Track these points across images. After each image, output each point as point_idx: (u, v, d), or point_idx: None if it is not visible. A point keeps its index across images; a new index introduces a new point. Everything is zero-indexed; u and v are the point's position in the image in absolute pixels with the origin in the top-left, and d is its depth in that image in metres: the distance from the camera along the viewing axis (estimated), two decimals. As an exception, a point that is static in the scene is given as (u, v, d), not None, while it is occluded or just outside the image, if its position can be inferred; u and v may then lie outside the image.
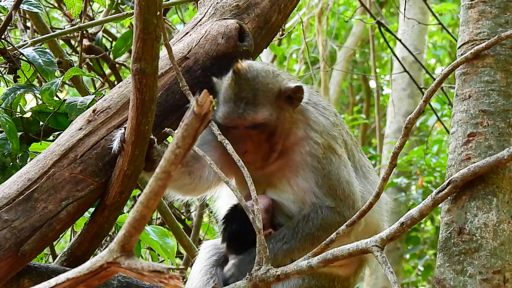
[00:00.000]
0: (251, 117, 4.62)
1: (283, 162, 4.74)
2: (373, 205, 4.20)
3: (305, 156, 4.67)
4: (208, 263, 4.82)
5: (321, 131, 4.72)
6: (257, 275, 4.18)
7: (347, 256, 4.08)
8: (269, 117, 4.63)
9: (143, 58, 4.16)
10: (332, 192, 4.65)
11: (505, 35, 4.29)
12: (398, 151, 4.13)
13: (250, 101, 4.62)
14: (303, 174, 4.67)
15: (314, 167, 4.66)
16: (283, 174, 4.74)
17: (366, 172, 4.94)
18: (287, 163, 4.73)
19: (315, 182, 4.65)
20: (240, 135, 4.66)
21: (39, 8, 5.56)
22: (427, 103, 4.14)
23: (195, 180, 4.81)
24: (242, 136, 4.66)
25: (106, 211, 4.59)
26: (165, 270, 2.76)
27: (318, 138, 4.69)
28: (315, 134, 4.70)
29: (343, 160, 4.73)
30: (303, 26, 11.61)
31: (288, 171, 4.72)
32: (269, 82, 4.69)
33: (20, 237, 4.35)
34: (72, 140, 4.56)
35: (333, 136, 4.75)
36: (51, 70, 5.26)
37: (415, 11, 13.40)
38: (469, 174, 4.14)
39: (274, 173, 4.77)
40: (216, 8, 5.03)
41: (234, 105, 4.62)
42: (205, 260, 4.84)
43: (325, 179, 4.65)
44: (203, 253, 4.91)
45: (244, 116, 4.62)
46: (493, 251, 4.09)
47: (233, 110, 4.63)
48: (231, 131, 4.65)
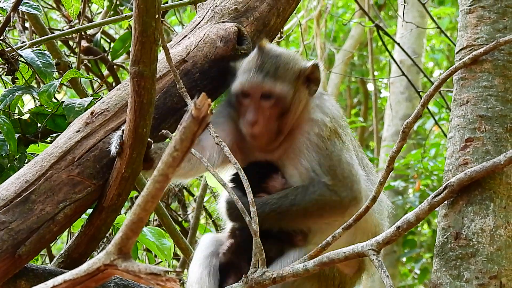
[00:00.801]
0: (269, 86, 4.71)
1: (288, 145, 4.79)
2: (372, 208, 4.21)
3: (312, 136, 4.74)
4: (205, 255, 4.82)
5: (331, 116, 4.81)
6: (253, 278, 4.18)
7: (343, 260, 4.09)
8: (285, 92, 4.73)
9: (142, 61, 4.16)
10: (331, 171, 4.69)
11: (503, 40, 4.29)
12: (395, 155, 4.14)
13: (271, 73, 4.73)
14: (307, 154, 4.72)
15: (318, 147, 4.72)
16: (288, 157, 4.79)
17: (368, 171, 4.97)
18: (291, 145, 4.78)
19: (317, 161, 4.70)
20: (253, 106, 4.72)
21: (38, 10, 5.56)
22: (424, 107, 4.14)
23: (196, 164, 4.83)
24: (254, 107, 4.72)
25: (104, 213, 4.59)
26: (162, 273, 2.76)
27: (327, 121, 4.77)
28: (325, 117, 4.79)
29: (346, 145, 4.81)
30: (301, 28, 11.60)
31: (293, 153, 4.77)
32: (290, 62, 4.82)
33: (17, 239, 4.34)
34: (70, 142, 4.56)
35: (341, 125, 4.85)
36: (50, 72, 5.26)
37: (414, 14, 13.41)
38: (465, 179, 4.14)
39: (280, 158, 4.80)
40: (215, 11, 5.04)
41: (254, 73, 4.73)
42: (202, 252, 4.85)
43: (327, 158, 4.71)
44: (201, 244, 4.92)
45: (262, 84, 4.71)
46: (489, 256, 4.09)
47: (252, 77, 4.72)
48: (244, 103, 4.74)
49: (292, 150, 4.76)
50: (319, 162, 4.70)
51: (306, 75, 4.81)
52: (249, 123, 4.68)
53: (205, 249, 4.86)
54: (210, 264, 4.77)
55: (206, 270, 4.74)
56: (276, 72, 4.74)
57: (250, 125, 4.68)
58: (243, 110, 4.73)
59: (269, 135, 4.75)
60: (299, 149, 4.74)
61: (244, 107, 4.74)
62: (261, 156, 4.83)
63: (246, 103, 4.75)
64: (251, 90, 4.72)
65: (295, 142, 4.76)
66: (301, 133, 4.76)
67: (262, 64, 4.75)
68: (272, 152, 4.82)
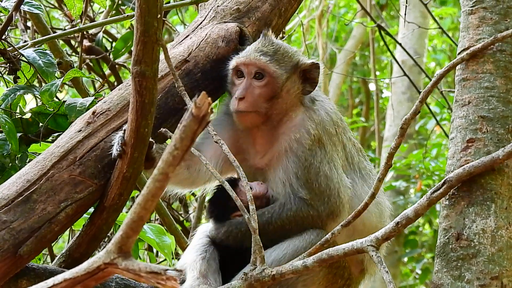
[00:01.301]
0: (263, 62, 4.75)
1: (274, 151, 4.77)
2: (370, 206, 4.22)
3: (292, 143, 4.73)
4: (201, 242, 4.82)
5: (317, 123, 4.79)
6: (252, 275, 4.19)
7: (342, 256, 4.10)
8: (279, 74, 4.76)
9: (143, 61, 4.16)
10: (308, 185, 4.70)
11: (501, 36, 4.30)
12: (394, 151, 4.15)
13: (268, 54, 4.79)
14: (285, 164, 4.72)
15: (297, 157, 4.71)
16: (272, 164, 4.79)
17: (365, 175, 4.96)
18: (276, 152, 4.77)
19: (294, 173, 4.70)
20: (244, 84, 4.75)
21: (40, 10, 5.56)
22: (423, 103, 4.15)
23: (194, 174, 4.86)
24: (245, 85, 4.75)
25: (105, 213, 4.60)
26: (162, 271, 2.77)
27: (312, 128, 4.76)
28: (310, 124, 4.77)
29: (329, 156, 4.77)
30: (303, 28, 11.61)
31: (275, 161, 4.77)
32: (290, 52, 4.87)
33: (19, 238, 4.35)
34: (72, 142, 4.56)
35: (329, 132, 4.81)
36: (51, 71, 5.26)
37: (415, 14, 13.41)
38: (464, 174, 4.14)
39: (268, 165, 4.81)
40: (217, 11, 5.04)
41: (252, 52, 4.79)
42: (199, 239, 4.85)
43: (304, 171, 4.70)
44: (198, 232, 4.92)
45: (258, 59, 4.75)
46: (491, 257, 4.09)
47: (249, 52, 4.79)
48: (236, 83, 4.77)
49: (276, 157, 4.76)
50: (297, 174, 4.70)
51: (303, 69, 4.82)
52: (237, 98, 4.71)
53: (202, 237, 4.86)
54: (207, 250, 4.76)
55: (200, 255, 4.73)
56: (273, 54, 4.79)
57: (238, 100, 4.70)
58: (234, 90, 4.77)
59: (254, 116, 4.75)
60: (280, 156, 4.74)
61: (236, 85, 4.78)
62: (253, 167, 4.81)
63: (238, 83, 4.78)
64: (245, 66, 4.76)
65: (278, 148, 4.76)
66: (284, 138, 4.76)
67: (262, 46, 4.81)
68: (263, 159, 4.81)
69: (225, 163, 4.74)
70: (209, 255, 4.74)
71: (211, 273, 4.68)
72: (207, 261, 4.71)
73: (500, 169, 4.19)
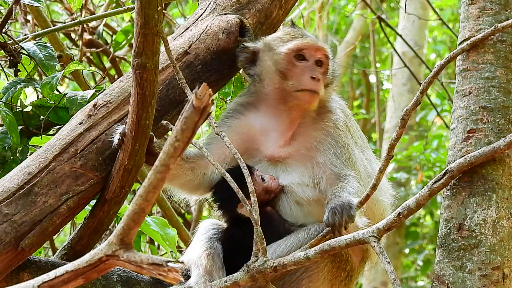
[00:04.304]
0: (327, 48, 4.86)
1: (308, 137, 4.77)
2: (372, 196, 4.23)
3: (330, 128, 4.77)
4: (206, 237, 4.81)
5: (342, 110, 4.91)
6: (254, 267, 4.19)
7: (344, 247, 4.10)
8: (332, 64, 4.92)
9: (144, 53, 4.16)
10: (350, 163, 4.71)
11: (501, 26, 4.30)
12: (395, 142, 4.15)
13: (324, 41, 4.95)
14: (323, 148, 4.72)
15: (334, 139, 4.74)
16: (302, 154, 4.76)
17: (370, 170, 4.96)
18: (308, 140, 4.76)
19: (333, 152, 4.72)
20: (311, 67, 4.79)
21: (40, 2, 5.56)
22: (423, 94, 4.15)
23: (199, 177, 4.82)
24: (313, 68, 4.79)
25: (106, 205, 4.60)
26: (164, 263, 2.77)
27: (343, 115, 4.86)
28: (340, 111, 4.87)
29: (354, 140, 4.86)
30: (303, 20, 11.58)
31: (308, 150, 4.75)
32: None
33: (20, 231, 4.35)
34: (73, 135, 4.56)
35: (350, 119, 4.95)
36: (52, 64, 5.25)
37: (416, 6, 13.40)
38: (465, 164, 4.15)
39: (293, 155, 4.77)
40: (217, 3, 5.03)
41: (312, 38, 4.88)
42: (203, 234, 4.84)
43: (343, 150, 4.73)
44: (201, 228, 4.91)
45: (325, 46, 4.85)
46: (492, 247, 4.10)
47: (312, 39, 4.85)
48: (298, 64, 4.79)
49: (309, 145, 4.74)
50: (336, 153, 4.71)
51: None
52: (313, 79, 4.73)
53: (205, 231, 4.85)
54: (211, 246, 4.76)
55: (206, 251, 4.73)
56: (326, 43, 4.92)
57: (314, 82, 4.73)
58: (291, 74, 4.75)
59: (317, 99, 4.79)
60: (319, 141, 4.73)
61: (294, 71, 4.77)
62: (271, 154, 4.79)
63: (298, 66, 4.78)
64: (314, 50, 4.80)
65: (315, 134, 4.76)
66: (321, 126, 4.78)
67: (305, 32, 4.92)
68: (284, 148, 4.79)
69: (233, 161, 4.68)
70: (213, 251, 4.72)
71: (216, 270, 4.67)
72: (212, 257, 4.70)
73: (501, 159, 4.19)
